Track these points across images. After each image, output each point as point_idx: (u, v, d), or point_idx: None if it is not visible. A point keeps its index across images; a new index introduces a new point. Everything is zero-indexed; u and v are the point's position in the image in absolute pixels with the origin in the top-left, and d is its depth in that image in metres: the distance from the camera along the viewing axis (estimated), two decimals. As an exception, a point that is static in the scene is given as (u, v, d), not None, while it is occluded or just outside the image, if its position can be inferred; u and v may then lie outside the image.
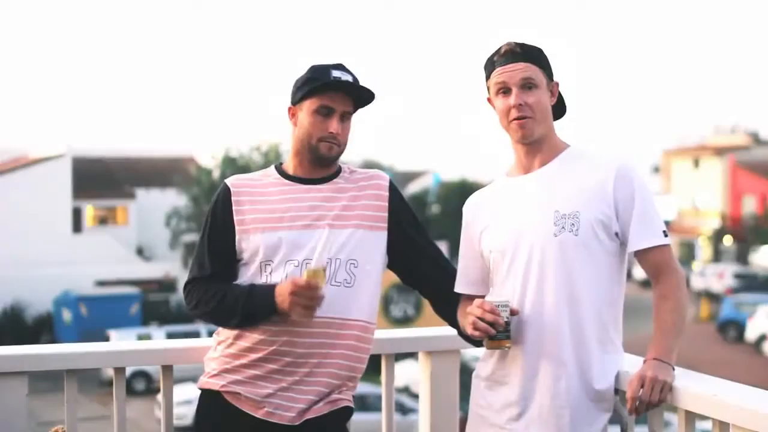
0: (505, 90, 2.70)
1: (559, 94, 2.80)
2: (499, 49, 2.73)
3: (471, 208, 2.89)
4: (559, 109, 2.82)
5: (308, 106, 2.82)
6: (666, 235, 2.66)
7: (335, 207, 2.84)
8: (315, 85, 2.80)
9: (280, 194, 2.85)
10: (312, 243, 2.75)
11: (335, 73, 2.81)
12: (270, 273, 2.78)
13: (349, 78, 2.83)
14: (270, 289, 2.72)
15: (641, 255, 2.66)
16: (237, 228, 2.82)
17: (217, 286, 2.82)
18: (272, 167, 2.97)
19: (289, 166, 2.93)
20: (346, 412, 2.86)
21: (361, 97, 2.87)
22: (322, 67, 2.85)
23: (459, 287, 2.90)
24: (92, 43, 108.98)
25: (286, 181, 2.89)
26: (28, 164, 36.14)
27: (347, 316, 2.80)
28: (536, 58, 2.71)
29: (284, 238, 2.78)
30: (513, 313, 2.62)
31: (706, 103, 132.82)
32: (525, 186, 2.74)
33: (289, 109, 2.90)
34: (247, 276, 2.82)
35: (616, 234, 2.66)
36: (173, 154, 43.43)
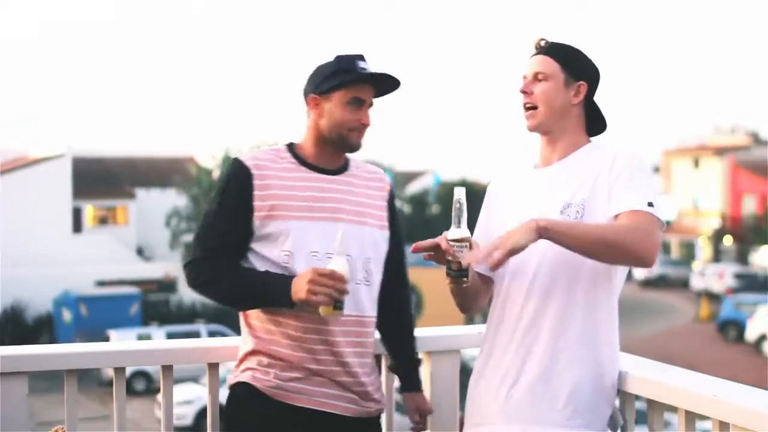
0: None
1: (597, 108, 2.82)
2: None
3: (493, 191, 2.96)
4: (598, 123, 2.84)
5: (339, 97, 2.83)
6: (651, 205, 2.58)
7: (351, 201, 2.86)
8: (348, 78, 2.82)
9: (299, 181, 2.83)
10: (333, 236, 2.73)
11: (362, 64, 2.84)
12: (292, 265, 2.75)
13: (373, 69, 2.87)
14: (288, 278, 2.69)
15: (617, 221, 2.59)
16: (256, 213, 2.78)
17: (227, 266, 2.77)
18: (283, 147, 2.93)
19: (307, 152, 2.90)
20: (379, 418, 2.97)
21: (380, 87, 2.91)
22: (348, 58, 2.85)
23: None
24: (92, 42, 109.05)
25: (303, 168, 2.87)
26: (28, 164, 36.11)
27: (368, 313, 2.87)
28: (556, 54, 2.77)
29: (304, 229, 2.77)
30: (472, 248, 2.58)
31: (706, 103, 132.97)
32: (541, 179, 2.79)
33: (312, 98, 2.88)
34: (263, 263, 2.79)
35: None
36: (173, 154, 43.39)
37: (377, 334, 3.04)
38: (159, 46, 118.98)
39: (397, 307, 3.02)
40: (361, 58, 2.86)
